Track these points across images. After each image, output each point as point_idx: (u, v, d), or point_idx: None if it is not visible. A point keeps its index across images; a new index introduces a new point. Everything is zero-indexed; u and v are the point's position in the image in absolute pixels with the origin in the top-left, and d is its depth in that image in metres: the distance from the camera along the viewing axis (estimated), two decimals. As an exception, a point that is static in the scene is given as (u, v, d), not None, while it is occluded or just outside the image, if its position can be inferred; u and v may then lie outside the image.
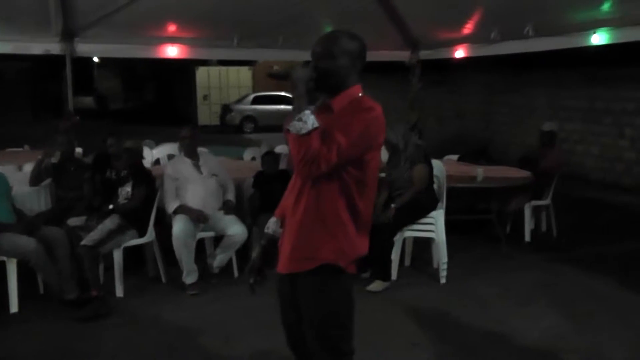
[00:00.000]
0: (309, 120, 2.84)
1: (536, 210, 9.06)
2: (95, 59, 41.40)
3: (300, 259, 3.12)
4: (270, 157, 7.52)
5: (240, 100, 30.06)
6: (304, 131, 2.82)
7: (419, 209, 6.97)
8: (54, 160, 7.08)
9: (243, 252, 7.08)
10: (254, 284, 3.46)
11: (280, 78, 3.05)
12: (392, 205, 6.78)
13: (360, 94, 3.12)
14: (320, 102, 3.12)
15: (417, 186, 6.87)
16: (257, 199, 7.25)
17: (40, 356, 5.25)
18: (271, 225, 3.44)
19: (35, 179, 6.96)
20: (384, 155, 7.33)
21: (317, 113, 2.94)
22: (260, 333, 5.51)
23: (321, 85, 3.04)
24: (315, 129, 2.84)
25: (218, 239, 7.02)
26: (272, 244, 3.42)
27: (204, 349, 5.32)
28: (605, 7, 7.56)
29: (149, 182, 6.87)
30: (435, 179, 7.30)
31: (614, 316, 6.06)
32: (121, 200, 6.73)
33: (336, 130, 2.88)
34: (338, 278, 3.11)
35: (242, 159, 10.74)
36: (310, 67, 3.04)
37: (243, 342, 5.43)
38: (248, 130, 28.44)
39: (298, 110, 2.88)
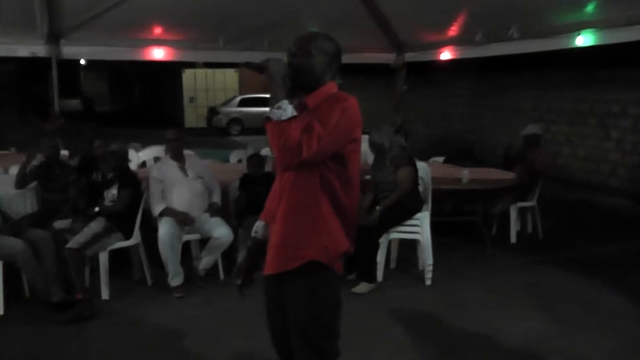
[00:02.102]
0: (288, 108, 2.83)
1: (522, 212, 9.10)
2: (82, 61, 41.27)
3: (285, 258, 3.12)
4: (256, 159, 7.52)
5: (226, 103, 30.07)
6: (284, 117, 2.81)
7: (405, 211, 6.98)
8: (35, 162, 7.06)
9: (229, 254, 7.09)
10: (242, 287, 3.45)
11: (256, 69, 3.03)
12: (377, 208, 6.80)
13: (335, 90, 3.13)
14: (296, 102, 3.09)
15: (402, 188, 6.88)
16: (242, 201, 7.25)
17: (26, 358, 5.24)
18: (259, 229, 3.43)
19: (21, 182, 6.94)
20: (370, 157, 7.35)
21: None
22: (245, 335, 5.52)
23: (296, 82, 3.03)
24: (294, 116, 2.83)
25: (204, 242, 7.02)
26: (259, 246, 3.41)
27: (189, 351, 5.32)
28: (590, 8, 7.60)
29: (134, 185, 6.86)
30: (420, 181, 7.32)
31: (599, 318, 6.10)
32: (107, 202, 6.71)
33: (313, 121, 2.88)
34: (324, 276, 3.11)
35: (228, 161, 10.73)
36: (285, 64, 3.03)
37: (228, 344, 5.43)
38: (234, 133, 28.44)
39: (275, 100, 2.87)
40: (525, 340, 5.55)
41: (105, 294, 6.48)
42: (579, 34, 7.86)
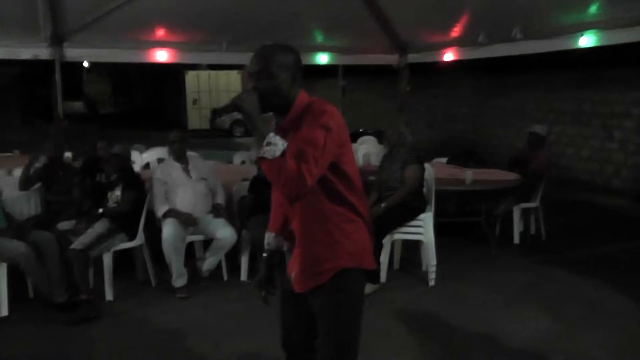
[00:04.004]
0: (278, 141, 2.75)
1: (525, 213, 9.08)
2: (85, 64, 41.28)
3: (312, 276, 3.11)
4: (262, 161, 7.50)
5: (229, 105, 30.00)
6: (278, 152, 2.73)
7: (408, 212, 6.98)
8: (39, 164, 7.09)
9: (232, 255, 7.11)
10: (266, 297, 3.47)
11: (229, 111, 2.97)
12: (382, 205, 6.80)
13: (306, 100, 3.06)
14: (274, 127, 3.02)
15: (409, 186, 6.88)
16: (248, 202, 7.24)
17: (30, 359, 5.25)
18: (270, 240, 3.46)
19: (25, 184, 6.98)
20: (374, 158, 7.34)
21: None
22: (249, 336, 5.54)
23: (265, 105, 2.95)
24: (286, 147, 2.75)
25: (207, 242, 7.04)
26: (274, 256, 3.46)
27: (193, 352, 5.33)
28: (593, 9, 7.60)
29: (138, 186, 6.88)
30: (424, 182, 7.32)
31: (602, 318, 6.09)
32: (111, 204, 6.73)
33: (302, 145, 2.81)
34: (352, 276, 3.11)
35: (231, 162, 10.74)
36: (251, 90, 2.95)
37: (232, 345, 5.43)
38: (238, 134, 28.39)
39: (261, 136, 2.79)
40: (529, 340, 5.55)
41: (109, 295, 6.50)
42: (582, 35, 7.85)
